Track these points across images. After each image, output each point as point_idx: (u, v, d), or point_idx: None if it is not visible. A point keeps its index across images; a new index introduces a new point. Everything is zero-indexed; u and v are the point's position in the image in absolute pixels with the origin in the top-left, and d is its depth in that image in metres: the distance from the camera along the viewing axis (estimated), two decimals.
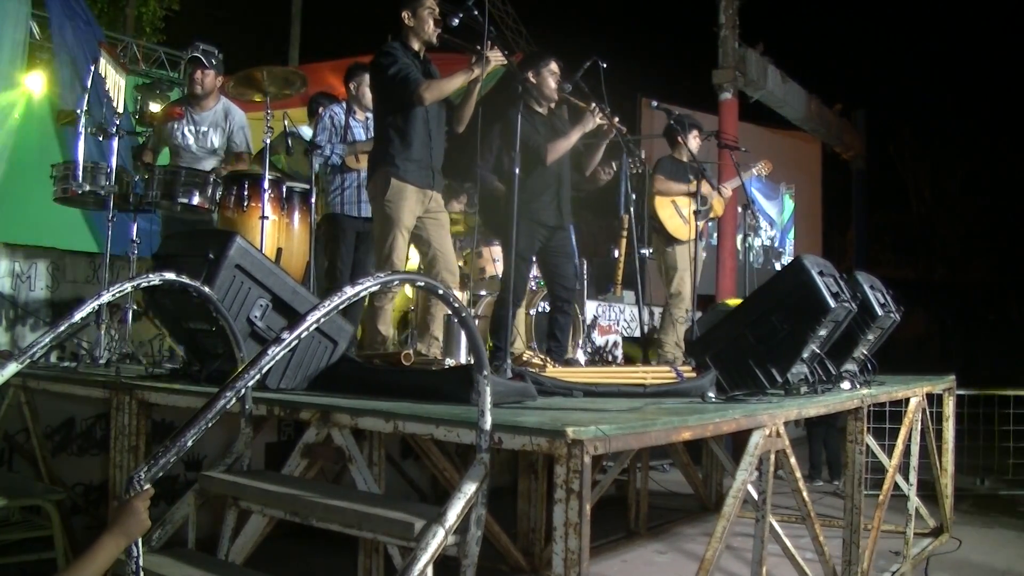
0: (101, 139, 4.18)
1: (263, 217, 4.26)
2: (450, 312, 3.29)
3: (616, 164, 4.87)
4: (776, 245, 15.21)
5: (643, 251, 5.24)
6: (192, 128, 4.80)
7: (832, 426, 6.49)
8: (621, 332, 7.96)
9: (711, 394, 3.15)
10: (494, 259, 5.53)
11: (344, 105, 5.09)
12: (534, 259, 4.61)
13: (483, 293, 5.61)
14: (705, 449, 5.82)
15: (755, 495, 3.08)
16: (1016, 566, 4.66)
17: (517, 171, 3.79)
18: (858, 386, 3.88)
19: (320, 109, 5.22)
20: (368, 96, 4.91)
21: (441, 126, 4.21)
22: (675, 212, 5.55)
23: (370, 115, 4.98)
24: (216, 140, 4.86)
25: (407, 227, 4.02)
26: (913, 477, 4.83)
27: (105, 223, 4.15)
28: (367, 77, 4.79)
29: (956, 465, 5.53)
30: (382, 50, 4.04)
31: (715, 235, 10.64)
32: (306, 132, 5.34)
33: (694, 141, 5.62)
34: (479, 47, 3.85)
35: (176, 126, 4.75)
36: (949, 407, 5.36)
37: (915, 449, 4.81)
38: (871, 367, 4.35)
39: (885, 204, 20.29)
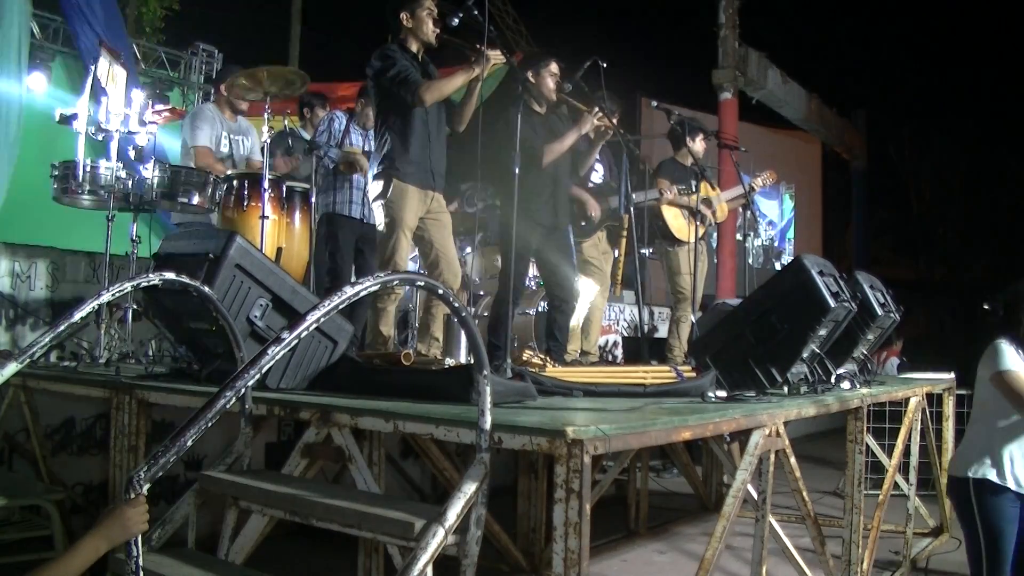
0: (101, 139, 4.18)
1: (263, 217, 4.26)
2: (450, 312, 3.29)
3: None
4: (776, 244, 15.22)
5: (643, 251, 5.23)
6: (228, 136, 4.97)
7: None
8: (621, 332, 7.96)
9: (711, 394, 3.15)
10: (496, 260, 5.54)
11: (347, 114, 5.15)
12: (532, 259, 4.61)
13: (483, 293, 5.61)
14: (705, 449, 5.81)
15: (755, 495, 3.09)
16: None
17: (516, 171, 3.79)
18: (858, 386, 3.88)
19: (325, 111, 5.27)
20: (371, 117, 4.94)
21: (441, 127, 4.20)
22: (679, 212, 5.54)
23: (370, 132, 5.03)
24: (247, 146, 5.05)
25: (409, 227, 4.03)
26: (913, 477, 4.83)
27: (105, 223, 4.15)
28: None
29: None
30: (380, 53, 4.03)
31: (715, 235, 10.64)
32: (301, 132, 5.39)
33: (699, 145, 5.60)
34: (479, 45, 3.85)
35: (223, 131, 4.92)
36: (949, 407, 5.36)
37: (915, 449, 4.81)
38: (871, 367, 4.35)
39: (885, 204, 20.29)
